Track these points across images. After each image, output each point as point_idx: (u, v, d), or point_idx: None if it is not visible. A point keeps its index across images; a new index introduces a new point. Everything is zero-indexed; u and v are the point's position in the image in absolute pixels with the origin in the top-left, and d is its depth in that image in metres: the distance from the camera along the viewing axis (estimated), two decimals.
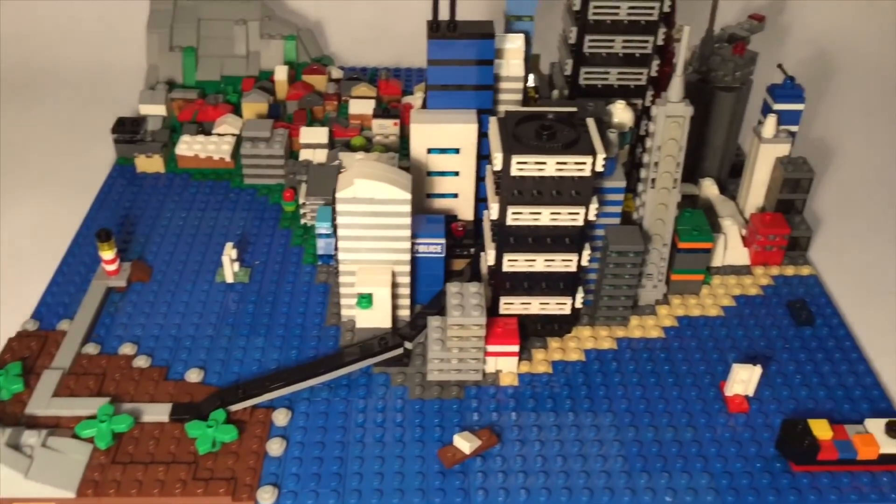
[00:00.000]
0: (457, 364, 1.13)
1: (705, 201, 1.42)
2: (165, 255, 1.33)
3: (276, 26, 1.77)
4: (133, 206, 1.44)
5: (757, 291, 1.30)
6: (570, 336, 1.22)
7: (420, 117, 1.26)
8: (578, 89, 1.31)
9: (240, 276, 1.29)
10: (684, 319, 1.25)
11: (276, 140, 1.49)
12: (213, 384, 1.12)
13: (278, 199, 1.46)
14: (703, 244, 1.25)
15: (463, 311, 1.10)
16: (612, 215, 1.20)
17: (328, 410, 1.10)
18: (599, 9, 1.24)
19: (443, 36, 1.22)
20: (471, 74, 1.24)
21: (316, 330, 1.22)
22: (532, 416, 1.10)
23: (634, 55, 1.28)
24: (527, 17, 1.30)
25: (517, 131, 1.10)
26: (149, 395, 1.09)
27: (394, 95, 1.71)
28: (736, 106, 1.40)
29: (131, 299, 1.25)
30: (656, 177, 1.19)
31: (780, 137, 1.35)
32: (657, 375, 1.16)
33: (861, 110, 1.82)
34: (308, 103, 1.65)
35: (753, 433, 1.09)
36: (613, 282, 1.20)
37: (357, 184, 1.13)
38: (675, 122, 1.14)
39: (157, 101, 1.61)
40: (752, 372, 1.11)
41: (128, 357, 1.15)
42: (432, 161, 1.27)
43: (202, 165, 1.52)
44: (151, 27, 1.73)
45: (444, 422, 1.09)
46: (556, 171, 1.08)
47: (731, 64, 1.36)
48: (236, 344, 1.18)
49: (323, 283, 1.30)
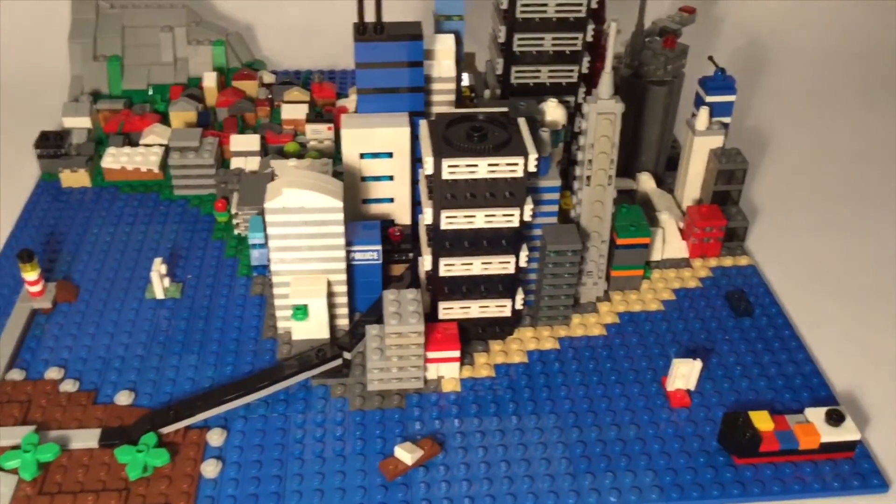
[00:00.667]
0: (397, 373, 1.11)
1: (643, 195, 1.42)
2: (93, 273, 1.29)
3: (204, 31, 1.73)
4: (59, 224, 1.39)
5: (696, 284, 1.31)
6: (512, 338, 1.21)
7: (351, 122, 1.23)
8: (511, 88, 1.30)
9: (171, 292, 1.25)
10: (625, 315, 1.25)
11: (206, 149, 1.45)
12: (145, 406, 1.08)
13: (210, 210, 1.43)
14: (640, 239, 1.25)
15: (400, 318, 1.08)
16: (548, 214, 1.19)
17: (265, 427, 1.07)
18: (527, 7, 1.23)
19: (370, 38, 1.20)
20: (401, 77, 1.22)
21: (252, 344, 1.18)
22: (475, 422, 1.09)
23: (565, 52, 1.27)
24: (456, 16, 1.28)
25: (448, 134, 1.09)
26: (77, 421, 1.05)
27: (328, 99, 1.69)
28: (669, 99, 1.40)
29: (57, 321, 1.21)
30: (591, 174, 1.18)
31: (714, 129, 1.36)
32: (600, 374, 1.16)
33: (794, 99, 1.85)
34: (239, 110, 1.61)
35: (696, 427, 1.09)
36: (553, 281, 1.19)
37: (286, 193, 1.10)
38: (606, 119, 1.14)
39: (81, 113, 1.56)
40: (693, 366, 1.11)
41: (54, 382, 1.11)
42: (366, 166, 1.25)
43: (130, 178, 1.48)
44: (74, 37, 1.68)
45: (385, 433, 1.07)
46: (489, 172, 1.06)
47: (662, 58, 1.36)
48: (168, 363, 1.15)
49: (259, 294, 1.27)
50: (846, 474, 1.03)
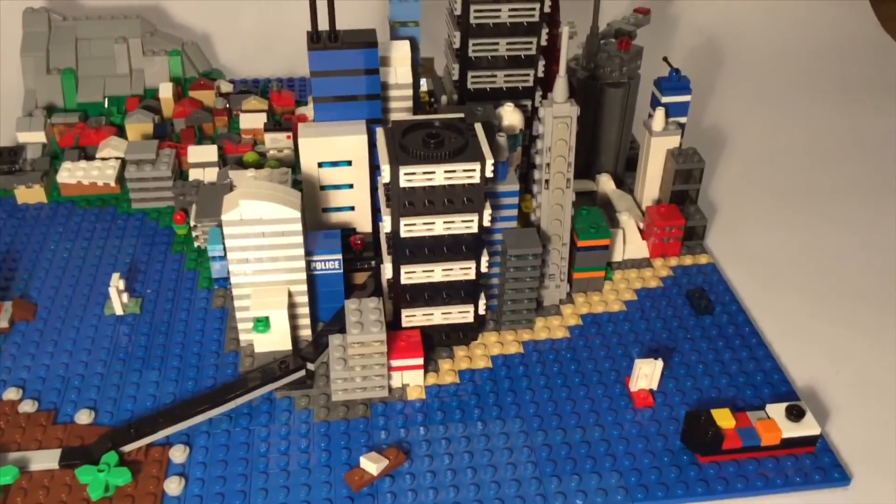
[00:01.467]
0: (361, 382, 1.11)
1: (603, 196, 1.43)
2: (50, 291, 1.27)
3: (160, 42, 1.71)
4: (14, 241, 1.37)
5: (657, 283, 1.32)
6: (476, 343, 1.21)
7: (308, 131, 1.23)
8: (467, 93, 1.30)
9: (130, 308, 1.24)
10: (588, 317, 1.26)
11: (163, 161, 1.44)
12: (105, 425, 1.07)
13: (169, 223, 1.41)
14: (601, 241, 1.26)
15: (362, 328, 1.08)
16: (508, 219, 1.19)
17: (229, 442, 1.06)
18: (480, 12, 1.23)
19: (324, 47, 1.19)
20: (357, 84, 1.22)
21: (213, 358, 1.17)
22: (441, 429, 1.08)
23: (520, 57, 1.28)
24: (412, 22, 1.28)
25: (404, 141, 1.09)
26: (37, 442, 1.04)
27: (287, 107, 1.68)
28: (625, 101, 1.41)
29: (15, 340, 1.19)
30: (549, 178, 1.18)
31: (670, 129, 1.37)
32: (564, 376, 1.16)
33: (750, 97, 1.87)
34: (196, 120, 1.60)
35: (659, 427, 1.10)
36: (515, 285, 1.19)
37: (242, 205, 1.09)
38: (562, 123, 1.14)
39: (35, 127, 1.53)
40: (655, 366, 1.12)
41: (13, 402, 1.09)
42: (325, 175, 1.24)
43: (86, 192, 1.46)
44: (26, 50, 1.65)
45: (351, 443, 1.06)
46: (446, 179, 1.06)
47: (617, 60, 1.37)
48: (129, 380, 1.13)
49: (220, 307, 1.26)
50: (808, 469, 1.04)
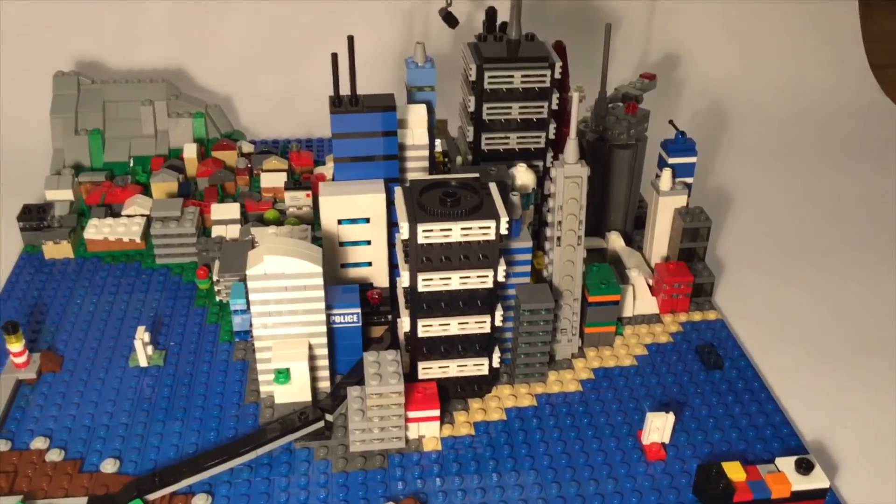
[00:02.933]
0: (379, 433, 1.13)
1: (613, 253, 1.47)
2: (77, 343, 1.31)
3: (184, 104, 1.78)
4: (42, 295, 1.41)
5: (667, 339, 1.35)
6: (490, 396, 1.24)
7: (328, 189, 1.28)
8: (481, 154, 1.36)
9: (154, 359, 1.27)
10: (600, 371, 1.29)
11: (187, 218, 1.49)
12: (130, 474, 1.10)
13: (192, 278, 1.46)
14: (611, 297, 1.29)
15: (381, 379, 1.11)
16: (521, 275, 1.23)
17: (250, 492, 1.08)
18: (494, 78, 1.29)
19: (345, 110, 1.25)
20: (376, 145, 1.27)
21: (235, 409, 1.20)
22: (457, 481, 1.11)
23: (532, 120, 1.33)
24: (428, 87, 1.34)
25: (422, 199, 1.13)
26: (63, 490, 1.06)
27: (306, 167, 1.73)
28: (633, 162, 1.46)
29: (42, 391, 1.22)
30: (561, 235, 1.23)
31: (677, 189, 1.42)
32: (577, 429, 1.19)
33: (754, 158, 1.92)
34: (219, 179, 1.65)
35: (671, 479, 1.12)
36: (528, 339, 1.22)
37: (267, 260, 1.13)
38: (573, 183, 1.19)
39: (63, 185, 1.59)
40: (666, 419, 1.15)
41: (40, 451, 1.12)
42: (344, 232, 1.29)
43: (112, 248, 1.51)
44: (55, 111, 1.72)
45: (368, 493, 1.09)
46: (462, 236, 1.11)
47: (625, 122, 1.43)
48: (153, 430, 1.16)
49: (241, 360, 1.29)
50: None
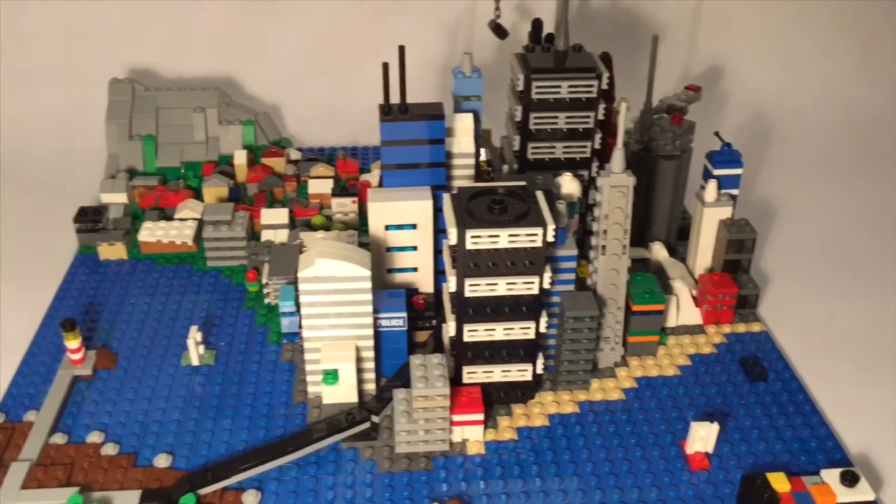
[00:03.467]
0: (424, 435, 1.15)
1: (656, 264, 1.47)
2: (131, 342, 1.34)
3: (234, 112, 1.82)
4: (97, 294, 1.45)
5: (711, 350, 1.35)
6: (533, 402, 1.25)
7: (377, 196, 1.30)
8: (527, 163, 1.37)
9: (205, 359, 1.30)
10: (643, 380, 1.29)
11: (238, 222, 1.52)
12: (182, 468, 1.13)
13: (241, 280, 1.49)
14: (655, 306, 1.30)
15: (427, 382, 1.13)
16: (566, 282, 1.25)
17: (298, 489, 1.10)
18: (542, 89, 1.31)
19: (395, 118, 1.28)
20: (423, 153, 1.30)
21: (283, 408, 1.23)
22: (500, 484, 1.12)
23: (578, 130, 1.35)
24: (475, 96, 1.36)
25: (470, 206, 1.15)
26: (118, 483, 1.09)
27: (351, 174, 1.77)
28: (678, 173, 1.47)
29: (97, 387, 1.26)
30: (606, 244, 1.24)
31: (722, 201, 1.42)
32: (620, 437, 1.19)
33: (799, 171, 1.92)
34: (268, 185, 1.69)
35: (715, 489, 1.12)
36: (572, 346, 1.23)
37: (318, 263, 1.16)
38: (619, 192, 1.20)
39: (118, 189, 1.64)
40: (710, 429, 1.15)
41: (96, 445, 1.16)
42: (391, 237, 1.31)
43: (165, 250, 1.55)
44: (110, 118, 1.77)
45: (413, 494, 1.10)
46: (510, 242, 1.12)
47: (670, 134, 1.44)
48: (204, 426, 1.19)
49: (288, 361, 1.32)
50: None
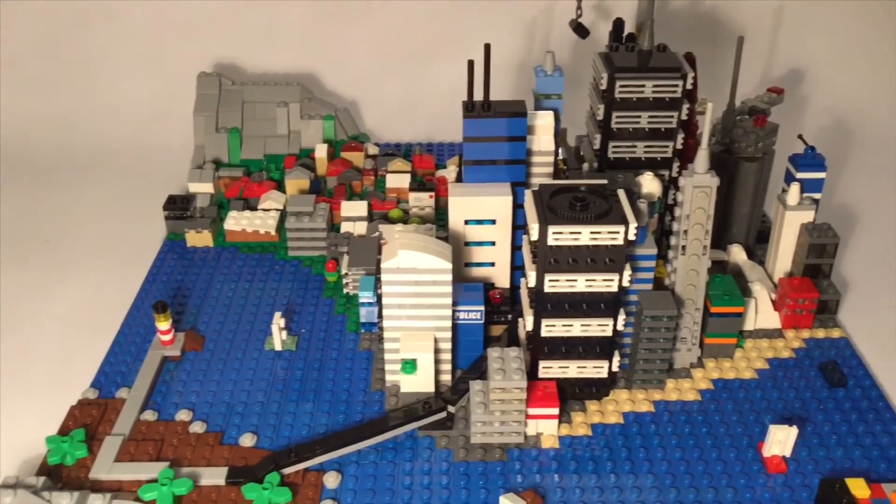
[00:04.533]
0: (499, 427, 1.17)
1: (734, 266, 1.46)
2: (216, 325, 1.40)
3: (316, 107, 1.87)
4: (184, 279, 1.51)
5: (789, 354, 1.34)
6: (607, 399, 1.26)
7: (457, 191, 1.32)
8: (607, 162, 1.38)
9: (287, 344, 1.35)
10: (719, 382, 1.29)
11: (319, 214, 1.57)
12: (266, 448, 1.17)
13: (321, 270, 1.53)
14: (734, 308, 1.29)
15: (504, 374, 1.14)
16: (644, 281, 1.25)
17: (376, 473, 1.13)
18: (625, 88, 1.31)
19: (478, 115, 1.30)
20: (504, 150, 1.31)
21: (361, 395, 1.26)
22: (574, 478, 1.13)
23: (660, 129, 1.34)
24: (555, 95, 1.37)
25: (552, 203, 1.16)
26: (205, 460, 1.14)
27: (427, 169, 1.79)
28: (759, 175, 1.45)
29: (185, 368, 1.31)
30: (686, 244, 1.24)
31: (804, 205, 1.40)
32: (696, 437, 1.19)
33: (881, 176, 1.87)
34: (347, 178, 1.73)
35: (792, 493, 1.11)
36: (648, 345, 1.24)
37: (401, 254, 1.19)
38: (702, 192, 1.20)
39: (205, 179, 1.70)
40: (789, 433, 1.14)
41: (184, 423, 1.21)
42: (469, 232, 1.33)
43: (249, 239, 1.60)
44: (198, 110, 1.83)
45: (488, 484, 1.12)
46: (591, 240, 1.13)
47: (753, 135, 1.43)
48: (286, 409, 1.23)
49: (367, 349, 1.35)
50: None
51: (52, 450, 1.13)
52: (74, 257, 1.60)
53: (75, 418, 1.20)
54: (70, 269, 1.56)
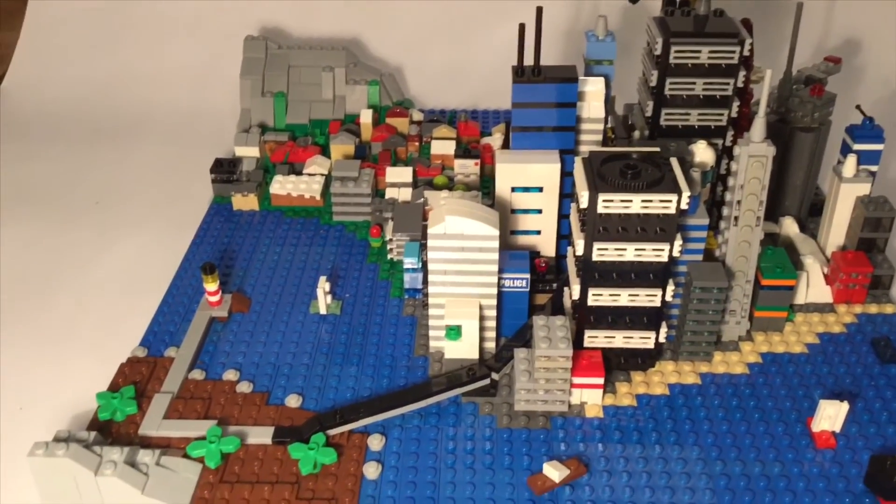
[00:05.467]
0: (543, 395, 1.17)
1: (786, 239, 1.44)
2: (262, 288, 1.41)
3: (361, 72, 1.86)
4: (230, 242, 1.52)
5: (841, 329, 1.31)
6: (653, 370, 1.25)
7: (505, 157, 1.31)
8: (659, 129, 1.35)
9: (332, 308, 1.35)
10: (768, 356, 1.27)
11: (364, 179, 1.56)
12: (311, 409, 1.18)
13: (365, 236, 1.53)
14: (786, 281, 1.27)
15: (550, 343, 1.14)
16: (694, 252, 1.23)
17: (420, 437, 1.14)
18: (681, 53, 1.28)
19: (527, 80, 1.28)
20: (554, 116, 1.29)
21: (405, 360, 1.26)
22: (619, 448, 1.12)
23: (715, 97, 1.31)
24: (606, 61, 1.35)
25: (602, 170, 1.14)
26: (252, 419, 1.15)
27: (472, 137, 1.78)
28: (815, 146, 1.42)
29: (232, 329, 1.32)
30: (739, 215, 1.21)
31: (861, 177, 1.37)
32: (743, 410, 1.18)
33: None
34: (392, 144, 1.72)
35: (841, 468, 1.09)
36: (697, 317, 1.22)
37: (448, 220, 1.18)
38: (757, 162, 1.17)
39: (251, 143, 1.70)
40: (840, 408, 1.12)
41: (231, 383, 1.22)
42: (516, 199, 1.32)
43: (294, 203, 1.60)
44: (245, 74, 1.83)
45: (531, 451, 1.12)
46: (642, 208, 1.11)
47: (809, 105, 1.39)
48: (331, 372, 1.24)
49: (410, 315, 1.35)
50: None
51: (102, 405, 1.16)
52: (123, 218, 1.62)
53: (125, 375, 1.22)
54: (119, 230, 1.58)
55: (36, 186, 1.72)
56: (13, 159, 1.81)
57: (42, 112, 1.97)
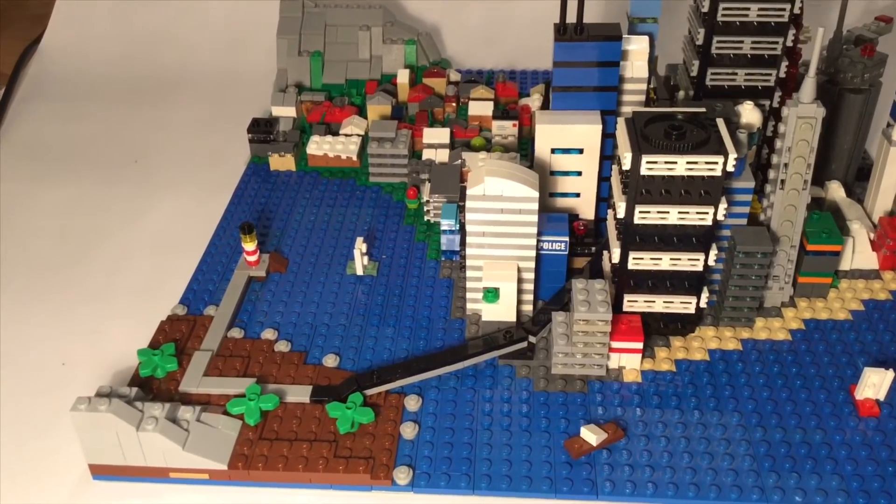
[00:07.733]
0: (581, 359, 1.16)
1: (831, 204, 1.40)
2: (299, 248, 1.41)
3: (398, 31, 1.84)
4: (268, 202, 1.52)
5: (886, 296, 1.28)
6: (693, 336, 1.23)
7: (545, 118, 1.29)
8: (705, 90, 1.32)
9: (368, 270, 1.35)
10: (811, 322, 1.24)
11: (401, 140, 1.55)
12: (349, 369, 1.18)
13: (402, 197, 1.52)
14: (832, 247, 1.24)
15: (589, 306, 1.12)
16: (739, 216, 1.20)
17: (456, 399, 1.14)
18: (729, 10, 1.24)
19: (570, 38, 1.25)
20: (596, 76, 1.27)
21: (442, 322, 1.26)
22: (657, 413, 1.12)
23: (763, 56, 1.28)
24: (651, 18, 1.31)
25: (646, 131, 1.12)
26: (290, 378, 1.16)
27: (511, 97, 1.75)
28: (864, 108, 1.37)
29: (270, 288, 1.33)
30: (785, 178, 1.18)
31: None
32: (785, 377, 1.16)
33: None
34: (429, 105, 1.70)
35: (885, 437, 1.07)
36: (740, 283, 1.20)
37: (487, 181, 1.17)
38: (806, 124, 1.14)
39: (288, 103, 1.69)
40: (885, 376, 1.10)
41: (269, 342, 1.23)
42: (556, 161, 1.30)
43: (330, 164, 1.60)
44: (281, 33, 1.82)
45: (568, 414, 1.12)
46: (686, 170, 1.09)
47: (860, 66, 1.34)
48: (368, 333, 1.24)
49: (446, 277, 1.35)
50: None
51: (143, 362, 1.17)
52: (162, 177, 1.63)
53: (165, 333, 1.23)
54: (158, 189, 1.59)
55: (75, 146, 1.73)
56: (52, 119, 1.82)
57: (80, 72, 1.98)
